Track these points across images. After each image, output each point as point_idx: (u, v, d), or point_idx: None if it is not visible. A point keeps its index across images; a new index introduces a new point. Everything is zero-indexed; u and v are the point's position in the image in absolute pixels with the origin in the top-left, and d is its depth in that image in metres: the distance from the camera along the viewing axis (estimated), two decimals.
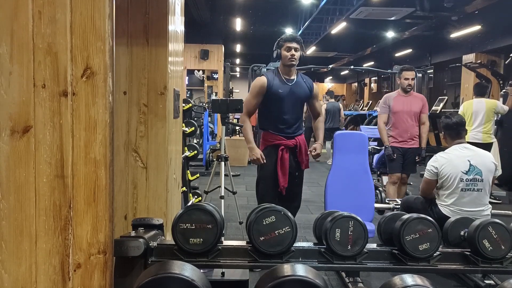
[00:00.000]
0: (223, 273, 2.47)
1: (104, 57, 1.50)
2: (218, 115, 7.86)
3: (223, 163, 3.77)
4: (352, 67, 11.23)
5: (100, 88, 1.51)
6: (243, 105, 3.46)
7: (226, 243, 2.01)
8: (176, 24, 2.52)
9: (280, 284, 1.51)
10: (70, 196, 1.52)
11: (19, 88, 1.49)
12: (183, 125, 4.22)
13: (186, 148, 4.60)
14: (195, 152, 4.75)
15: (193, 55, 12.10)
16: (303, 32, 12.70)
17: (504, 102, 6.40)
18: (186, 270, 1.56)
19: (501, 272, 2.05)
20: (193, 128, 4.61)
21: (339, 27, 11.31)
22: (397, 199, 4.35)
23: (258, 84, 3.38)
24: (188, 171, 4.64)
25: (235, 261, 1.95)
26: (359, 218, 1.98)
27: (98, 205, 1.53)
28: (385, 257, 2.02)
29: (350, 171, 3.81)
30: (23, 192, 1.51)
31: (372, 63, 17.70)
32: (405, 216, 2.04)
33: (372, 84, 20.68)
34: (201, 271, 1.66)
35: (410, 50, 14.60)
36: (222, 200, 3.63)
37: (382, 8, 9.56)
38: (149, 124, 2.34)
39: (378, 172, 6.10)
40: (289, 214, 1.94)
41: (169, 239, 2.09)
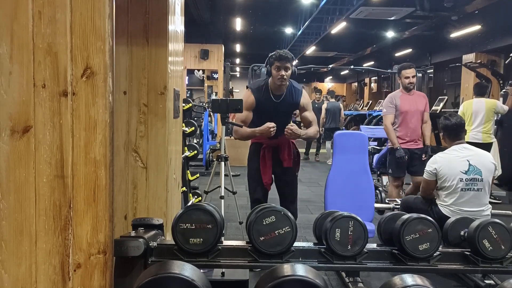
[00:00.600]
0: (223, 273, 2.47)
1: (104, 57, 1.50)
2: (218, 115, 7.87)
3: (223, 163, 3.76)
4: (352, 67, 11.25)
5: (100, 88, 1.51)
6: (234, 120, 3.42)
7: (226, 243, 2.01)
8: (176, 24, 2.52)
9: (280, 284, 1.51)
10: (70, 196, 1.52)
11: (19, 88, 1.49)
12: (183, 125, 4.22)
13: (186, 148, 4.60)
14: (195, 152, 4.75)
15: (193, 55, 12.11)
16: (303, 32, 12.71)
17: (504, 102, 6.40)
18: (186, 270, 1.56)
19: (501, 272, 2.05)
20: (193, 128, 4.62)
21: (339, 27, 11.32)
22: (397, 199, 4.35)
23: (247, 101, 3.35)
24: (188, 171, 4.65)
25: (235, 261, 1.95)
26: (359, 218, 1.98)
27: (98, 205, 1.53)
28: (385, 257, 2.02)
29: (350, 171, 3.81)
30: (23, 192, 1.51)
31: (372, 63, 17.72)
32: (405, 216, 2.04)
33: (372, 84, 20.69)
34: (201, 271, 1.66)
35: (410, 50, 14.60)
36: (222, 200, 3.63)
37: (382, 8, 9.57)
38: (149, 124, 2.34)
39: (378, 172, 6.11)
40: (289, 214, 1.94)
41: (169, 239, 2.09)
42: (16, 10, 1.47)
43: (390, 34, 12.83)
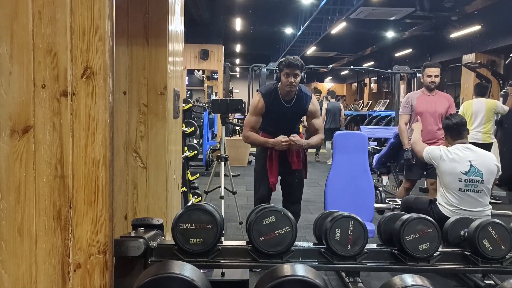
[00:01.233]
0: (223, 273, 2.47)
1: (104, 57, 1.50)
2: (218, 115, 7.87)
3: (223, 163, 3.77)
4: (352, 67, 11.21)
5: (100, 88, 1.51)
6: (244, 125, 3.44)
7: (226, 243, 2.01)
8: (176, 24, 2.52)
9: (280, 284, 1.51)
10: (70, 196, 1.52)
11: (19, 88, 1.49)
12: (183, 125, 4.22)
13: (186, 148, 4.60)
14: (195, 152, 4.75)
15: (193, 55, 12.10)
16: (303, 32, 12.70)
17: (504, 102, 6.40)
18: (186, 270, 1.56)
19: (501, 272, 2.05)
20: (193, 128, 4.61)
21: (339, 27, 11.31)
22: (397, 199, 4.35)
23: (256, 105, 3.37)
24: (188, 171, 4.64)
25: (235, 261, 1.95)
26: (359, 218, 1.98)
27: (98, 205, 1.53)
28: (385, 257, 2.02)
29: (350, 171, 3.81)
30: (23, 192, 1.51)
31: (372, 63, 17.71)
32: (405, 216, 2.04)
33: (372, 84, 20.68)
34: (201, 271, 1.66)
35: (410, 50, 14.60)
36: (222, 200, 3.63)
37: (382, 8, 9.56)
38: (149, 124, 2.34)
39: (378, 172, 6.10)
40: (289, 214, 1.94)
41: (169, 239, 2.09)
42: (16, 10, 1.47)
43: (390, 34, 12.83)
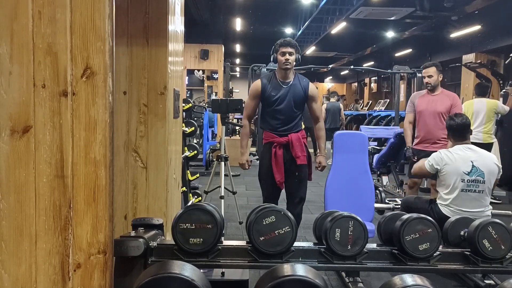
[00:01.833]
0: (223, 273, 2.48)
1: (104, 57, 1.50)
2: (218, 115, 7.87)
3: (223, 163, 3.77)
4: (352, 67, 11.23)
5: (100, 88, 1.51)
6: (244, 109, 3.63)
7: (226, 243, 2.02)
8: (176, 24, 2.52)
9: (280, 284, 1.51)
10: (70, 196, 1.52)
11: (19, 88, 1.49)
12: (183, 125, 4.22)
13: (186, 148, 4.60)
14: (195, 152, 4.75)
15: (193, 55, 12.10)
16: (303, 32, 12.71)
17: (504, 102, 6.40)
18: (186, 270, 1.56)
19: (501, 272, 2.05)
20: (193, 128, 4.61)
21: (339, 27, 11.31)
22: (397, 199, 4.35)
23: (253, 88, 3.53)
24: (188, 171, 4.64)
25: (235, 261, 1.96)
26: (359, 218, 1.98)
27: (98, 205, 1.53)
28: (385, 257, 2.02)
29: (350, 171, 3.81)
30: (23, 192, 1.51)
31: (372, 63, 17.70)
32: (405, 216, 2.04)
33: (372, 84, 20.67)
34: (201, 271, 1.66)
35: (410, 50, 14.59)
36: (222, 200, 3.63)
37: (382, 8, 9.56)
38: (149, 124, 2.34)
39: (378, 172, 6.10)
40: (289, 214, 1.94)
41: (169, 239, 2.09)
42: (16, 10, 1.47)
43: (390, 34, 12.82)
